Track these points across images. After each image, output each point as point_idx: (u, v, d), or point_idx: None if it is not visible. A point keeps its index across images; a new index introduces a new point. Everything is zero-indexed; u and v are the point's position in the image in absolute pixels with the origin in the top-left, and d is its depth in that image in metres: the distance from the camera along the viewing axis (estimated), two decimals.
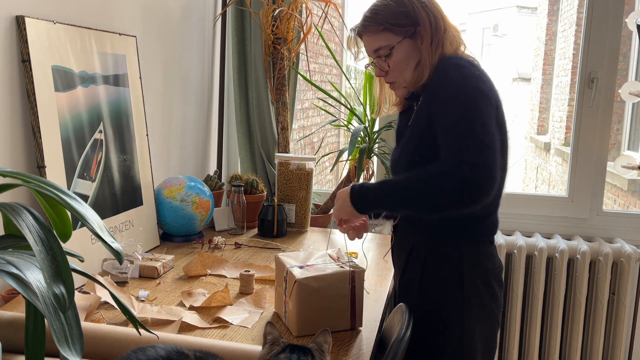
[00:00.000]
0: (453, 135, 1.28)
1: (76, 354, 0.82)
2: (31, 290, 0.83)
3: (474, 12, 14.91)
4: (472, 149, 1.24)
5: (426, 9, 1.41)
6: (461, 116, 1.29)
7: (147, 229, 1.94)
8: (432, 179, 1.27)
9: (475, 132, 1.26)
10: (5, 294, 1.43)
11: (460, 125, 1.28)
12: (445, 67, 1.37)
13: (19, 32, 1.44)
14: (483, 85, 1.34)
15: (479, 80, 1.34)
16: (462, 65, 1.36)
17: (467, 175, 1.22)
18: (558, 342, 2.50)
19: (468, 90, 1.32)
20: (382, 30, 1.43)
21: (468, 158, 1.23)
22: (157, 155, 2.16)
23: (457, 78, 1.34)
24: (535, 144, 8.52)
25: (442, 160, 1.28)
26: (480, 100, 1.31)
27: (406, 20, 1.41)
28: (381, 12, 1.43)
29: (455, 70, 1.35)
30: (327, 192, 2.65)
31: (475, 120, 1.27)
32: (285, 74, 2.48)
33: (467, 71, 1.35)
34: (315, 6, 2.63)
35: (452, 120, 1.30)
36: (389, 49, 1.43)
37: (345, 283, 1.38)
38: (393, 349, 1.28)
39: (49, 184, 0.92)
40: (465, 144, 1.25)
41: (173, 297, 1.56)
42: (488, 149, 1.25)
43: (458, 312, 1.41)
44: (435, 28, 1.41)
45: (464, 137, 1.26)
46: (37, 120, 1.47)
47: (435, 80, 1.38)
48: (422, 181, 1.29)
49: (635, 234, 2.54)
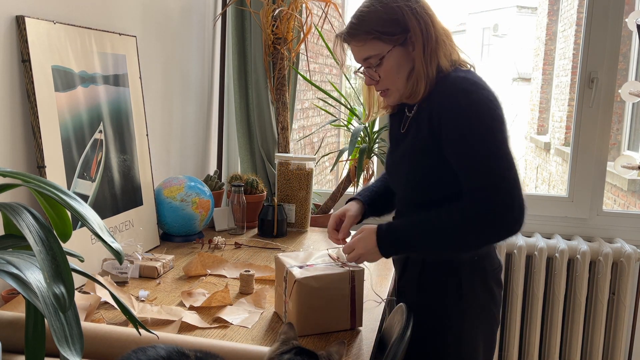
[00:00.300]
0: (479, 175, 1.27)
1: (76, 354, 0.82)
2: (31, 290, 0.83)
3: (474, 12, 14.92)
4: (503, 189, 1.25)
5: (416, 15, 1.34)
6: (484, 154, 1.27)
7: (147, 229, 1.94)
8: (471, 224, 1.27)
9: (502, 170, 1.26)
10: (5, 294, 1.43)
11: (484, 165, 1.27)
12: (452, 93, 1.31)
13: (19, 32, 1.44)
14: (495, 110, 1.30)
15: (489, 104, 1.30)
16: (471, 90, 1.30)
17: (505, 217, 1.26)
18: (558, 342, 2.50)
19: (484, 122, 1.28)
20: (371, 39, 1.35)
21: (497, 197, 1.25)
22: (157, 155, 2.16)
23: (470, 109, 1.29)
24: (535, 144, 8.52)
25: (469, 199, 1.28)
26: (497, 130, 1.28)
27: (396, 27, 1.34)
28: (369, 19, 1.35)
29: (465, 98, 1.29)
30: (327, 192, 2.65)
31: (498, 157, 1.27)
32: (285, 74, 2.48)
33: (477, 97, 1.30)
34: (315, 6, 2.63)
35: (474, 159, 1.28)
36: (379, 59, 1.36)
37: (345, 283, 1.38)
38: (393, 349, 1.28)
39: (49, 184, 0.92)
40: (494, 185, 1.25)
41: (173, 297, 1.56)
42: (516, 184, 1.26)
43: (457, 313, 1.41)
44: (427, 36, 1.34)
45: (492, 177, 1.26)
46: (37, 120, 1.47)
47: (444, 108, 1.31)
48: (459, 227, 1.28)
49: (635, 234, 2.54)
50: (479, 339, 1.44)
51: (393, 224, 1.38)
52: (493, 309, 1.46)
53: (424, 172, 1.38)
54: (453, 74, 1.34)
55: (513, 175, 1.27)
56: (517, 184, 1.26)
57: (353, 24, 1.38)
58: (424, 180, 1.39)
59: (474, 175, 1.28)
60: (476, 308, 1.42)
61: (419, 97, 1.37)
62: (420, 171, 1.39)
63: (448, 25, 1.42)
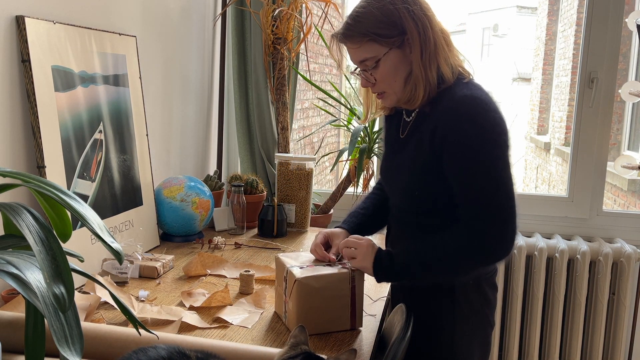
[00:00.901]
0: (475, 203, 1.28)
1: (76, 354, 0.82)
2: (31, 290, 0.83)
3: (474, 12, 14.92)
4: (499, 222, 1.27)
5: (414, 16, 1.29)
6: (484, 186, 1.27)
7: (147, 229, 1.94)
8: (463, 255, 1.29)
9: (500, 202, 1.26)
10: (5, 294, 1.43)
11: (483, 196, 1.27)
12: (458, 116, 1.27)
13: (19, 32, 1.44)
14: (500, 136, 1.27)
15: (494, 129, 1.27)
16: (477, 114, 1.27)
17: (495, 250, 1.29)
18: (558, 342, 2.50)
19: (487, 152, 1.26)
20: (367, 41, 1.31)
21: (490, 230, 1.27)
22: (157, 155, 2.16)
23: (475, 138, 1.26)
24: (535, 144, 8.52)
25: (464, 226, 1.28)
26: (499, 159, 1.27)
27: (393, 29, 1.30)
28: (365, 20, 1.31)
29: (471, 123, 1.26)
30: (327, 192, 2.65)
31: (498, 189, 1.26)
32: (285, 74, 2.48)
33: (483, 122, 1.27)
34: (315, 6, 2.63)
35: (474, 190, 1.28)
36: (375, 61, 1.32)
37: (346, 283, 1.38)
38: (393, 349, 1.28)
39: (49, 184, 0.92)
40: (491, 218, 1.27)
41: (173, 297, 1.56)
42: (511, 216, 1.27)
43: (449, 316, 1.40)
44: (424, 39, 1.30)
45: (489, 209, 1.27)
46: (37, 120, 1.47)
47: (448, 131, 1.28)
48: (451, 256, 1.30)
49: (635, 234, 2.54)
50: (473, 342, 1.43)
51: (391, 255, 1.36)
52: (487, 312, 1.46)
53: (423, 185, 1.36)
54: (458, 91, 1.30)
55: (510, 207, 1.27)
56: (512, 216, 1.28)
57: (349, 25, 1.34)
58: (422, 193, 1.37)
59: (471, 205, 1.28)
60: (469, 312, 1.41)
61: (417, 102, 1.34)
62: (418, 184, 1.37)
63: (447, 27, 1.39)
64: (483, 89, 1.34)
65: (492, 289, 1.47)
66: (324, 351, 1.29)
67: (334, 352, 1.30)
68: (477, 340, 1.44)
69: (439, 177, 1.32)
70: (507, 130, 1.30)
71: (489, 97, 1.32)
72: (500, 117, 1.30)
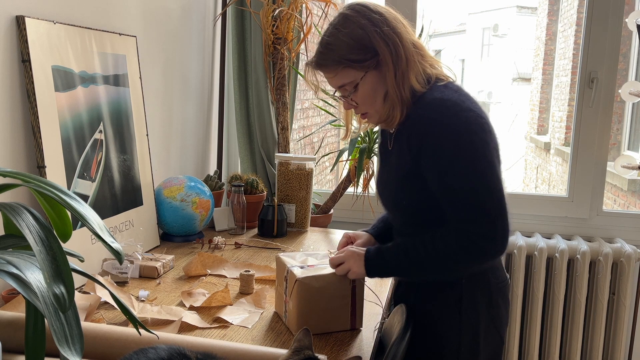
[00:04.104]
0: (462, 206, 1.24)
1: (76, 354, 0.82)
2: (31, 290, 0.83)
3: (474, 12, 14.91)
4: (485, 222, 1.23)
5: (383, 37, 1.28)
6: (464, 187, 1.23)
7: (147, 229, 1.94)
8: (451, 253, 1.26)
9: (485, 202, 1.23)
10: (5, 294, 1.43)
11: (465, 199, 1.24)
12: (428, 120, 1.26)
13: (19, 32, 1.44)
14: (475, 135, 1.24)
15: (468, 128, 1.24)
16: (447, 115, 1.24)
17: (485, 249, 1.25)
18: (558, 342, 2.50)
19: (463, 153, 1.23)
20: (343, 68, 1.31)
21: (477, 230, 1.23)
22: (157, 155, 2.16)
23: (448, 140, 1.24)
24: (535, 144, 8.52)
25: (451, 229, 1.26)
26: (477, 158, 1.24)
27: (365, 53, 1.28)
28: (337, 48, 1.30)
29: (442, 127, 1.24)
30: (327, 192, 2.65)
31: (481, 188, 1.23)
32: (285, 74, 2.48)
33: (455, 122, 1.24)
34: (315, 6, 2.63)
35: (455, 193, 1.24)
36: (354, 86, 1.32)
37: (346, 283, 1.38)
38: (393, 349, 1.28)
39: (49, 184, 0.92)
40: (477, 218, 1.23)
41: (173, 297, 1.56)
42: (498, 213, 1.24)
43: (454, 329, 1.35)
44: (396, 59, 1.28)
45: (475, 208, 1.23)
46: (37, 120, 1.47)
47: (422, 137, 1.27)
48: (440, 256, 1.27)
49: (635, 234, 2.54)
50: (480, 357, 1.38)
51: (380, 250, 1.35)
52: (499, 328, 1.40)
53: (409, 194, 1.35)
54: (429, 95, 1.29)
55: (496, 204, 1.23)
56: (500, 213, 1.24)
57: (321, 54, 1.33)
58: (410, 203, 1.36)
59: (455, 208, 1.25)
60: (476, 326, 1.36)
61: (395, 122, 1.33)
62: (405, 194, 1.35)
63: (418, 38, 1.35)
64: (457, 90, 1.31)
65: (504, 301, 1.41)
66: (324, 351, 1.29)
67: (334, 352, 1.30)
68: (485, 356, 1.39)
69: (423, 185, 1.30)
70: (484, 128, 1.26)
71: (461, 97, 1.28)
72: (476, 115, 1.26)
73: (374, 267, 1.35)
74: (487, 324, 1.37)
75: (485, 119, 1.28)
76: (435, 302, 1.38)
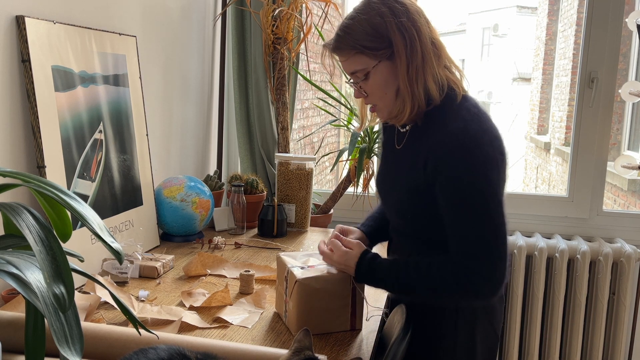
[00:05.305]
0: (463, 239, 1.23)
1: (76, 354, 0.82)
2: (31, 290, 0.83)
3: (474, 12, 14.92)
4: (486, 261, 1.22)
5: (402, 28, 1.25)
6: (471, 220, 1.22)
7: (147, 229, 1.94)
8: (444, 285, 1.25)
9: (489, 240, 1.22)
10: (5, 294, 1.43)
11: (469, 231, 1.23)
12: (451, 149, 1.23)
13: (19, 32, 1.44)
14: (493, 171, 1.23)
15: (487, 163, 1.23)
16: (471, 147, 1.22)
17: (472, 284, 1.23)
18: (558, 342, 2.50)
19: (478, 188, 1.22)
20: (355, 53, 1.29)
21: (476, 268, 1.22)
22: (157, 155, 2.16)
23: (465, 171, 1.22)
24: (535, 144, 8.53)
25: (450, 261, 1.25)
26: (491, 195, 1.23)
27: (380, 42, 1.27)
28: (353, 32, 1.29)
29: (463, 158, 1.22)
30: (327, 192, 2.65)
31: (487, 228, 1.22)
32: (285, 74, 2.48)
33: (476, 156, 1.22)
34: (315, 6, 2.63)
35: (461, 222, 1.23)
36: (365, 73, 1.30)
37: (346, 284, 1.38)
38: (393, 349, 1.28)
39: (49, 184, 0.92)
40: (478, 256, 1.22)
41: (173, 297, 1.56)
42: (500, 255, 1.22)
43: (451, 327, 1.36)
44: (411, 52, 1.25)
45: (474, 245, 1.22)
46: (37, 120, 1.47)
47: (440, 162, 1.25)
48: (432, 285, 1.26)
49: (635, 234, 2.54)
50: (476, 355, 1.39)
51: (377, 259, 1.34)
52: (494, 325, 1.42)
53: (415, 209, 1.34)
54: (452, 125, 1.25)
55: (499, 245, 1.23)
56: (501, 255, 1.23)
57: (338, 37, 1.32)
58: (415, 216, 1.35)
59: (459, 240, 1.24)
60: (472, 323, 1.37)
61: (403, 119, 1.31)
62: (412, 207, 1.35)
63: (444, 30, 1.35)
64: (477, 115, 1.28)
65: (499, 301, 1.42)
66: (324, 351, 1.29)
67: (334, 352, 1.30)
68: (480, 353, 1.39)
69: (432, 203, 1.28)
70: (500, 158, 1.25)
71: (482, 125, 1.26)
72: (495, 150, 1.25)
73: (363, 278, 1.35)
74: (483, 320, 1.39)
75: (501, 148, 1.26)
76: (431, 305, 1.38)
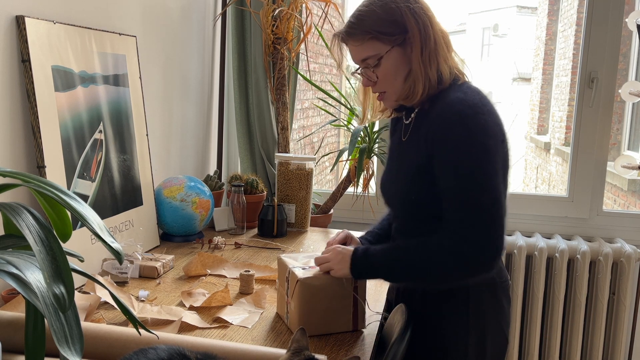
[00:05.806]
0: (458, 206, 1.24)
1: (76, 354, 0.81)
2: (31, 290, 0.83)
3: (474, 12, 14.92)
4: (478, 226, 1.22)
5: (415, 15, 1.31)
6: (467, 186, 1.23)
7: (147, 229, 1.94)
8: (435, 255, 1.25)
9: (482, 206, 1.22)
10: (5, 294, 1.43)
11: (465, 197, 1.23)
12: (448, 117, 1.26)
13: (19, 32, 1.44)
14: (490, 139, 1.25)
15: (485, 132, 1.25)
16: (467, 115, 1.25)
17: (469, 254, 1.23)
18: (558, 342, 2.50)
19: (474, 154, 1.23)
20: (369, 39, 1.33)
21: (472, 236, 1.22)
22: (157, 155, 2.16)
23: (462, 140, 1.24)
24: (535, 144, 8.53)
25: (446, 232, 1.25)
26: (487, 163, 1.24)
27: (394, 27, 1.31)
28: (367, 19, 1.33)
29: (460, 126, 1.25)
30: (327, 192, 2.65)
31: (483, 194, 1.22)
32: (285, 74, 2.48)
33: (473, 124, 1.24)
34: (315, 6, 2.63)
35: (457, 190, 1.24)
36: (377, 59, 1.34)
37: (348, 284, 1.38)
38: (393, 349, 1.28)
39: (49, 184, 0.92)
40: (470, 221, 1.22)
41: (173, 297, 1.56)
42: (493, 223, 1.22)
43: (463, 331, 1.35)
44: (425, 37, 1.31)
45: (470, 211, 1.23)
46: (37, 120, 1.47)
47: (438, 133, 1.27)
48: (425, 258, 1.27)
49: (635, 234, 2.54)
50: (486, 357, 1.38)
51: (371, 248, 1.35)
52: (504, 328, 1.41)
53: (419, 188, 1.34)
54: (452, 95, 1.30)
55: (495, 213, 1.22)
56: (497, 223, 1.22)
57: (351, 24, 1.35)
58: (419, 197, 1.35)
59: (455, 209, 1.25)
60: (483, 327, 1.37)
61: (416, 98, 1.34)
62: (416, 187, 1.35)
63: (446, 28, 1.38)
64: (478, 92, 1.32)
65: (507, 301, 1.42)
66: (324, 351, 1.29)
67: (334, 352, 1.30)
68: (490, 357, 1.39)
69: (433, 180, 1.30)
70: (499, 134, 1.27)
71: (482, 100, 1.30)
72: (494, 121, 1.27)
73: (360, 269, 1.34)
74: (494, 324, 1.39)
75: (501, 127, 1.29)
76: (443, 303, 1.38)
